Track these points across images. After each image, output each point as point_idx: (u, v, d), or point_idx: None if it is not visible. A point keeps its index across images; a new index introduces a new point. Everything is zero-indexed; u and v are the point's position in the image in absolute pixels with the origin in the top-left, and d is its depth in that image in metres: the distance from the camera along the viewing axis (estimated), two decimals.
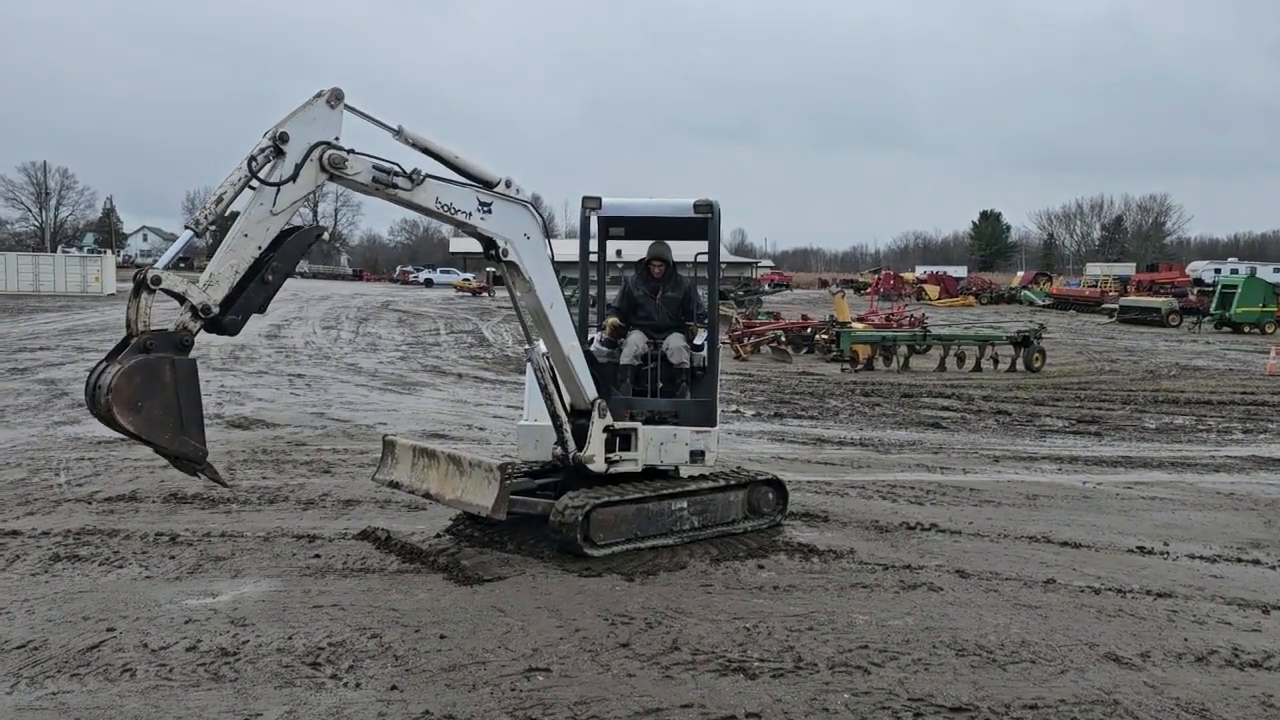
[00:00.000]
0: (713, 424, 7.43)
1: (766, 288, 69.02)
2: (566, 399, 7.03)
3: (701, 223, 7.80)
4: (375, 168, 5.90)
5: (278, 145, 5.52)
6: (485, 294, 60.22)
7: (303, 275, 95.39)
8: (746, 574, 6.63)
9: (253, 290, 5.58)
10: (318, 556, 6.79)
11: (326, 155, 5.65)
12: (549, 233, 6.84)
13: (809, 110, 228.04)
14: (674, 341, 7.73)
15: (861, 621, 5.72)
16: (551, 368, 6.88)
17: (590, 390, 7.02)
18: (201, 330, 5.47)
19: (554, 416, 6.93)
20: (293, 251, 5.70)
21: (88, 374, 5.30)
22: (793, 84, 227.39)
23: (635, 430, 7.20)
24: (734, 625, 5.60)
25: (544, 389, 6.86)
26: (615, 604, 5.91)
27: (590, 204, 7.74)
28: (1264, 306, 39.30)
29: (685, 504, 7.28)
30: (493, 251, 6.55)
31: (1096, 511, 8.82)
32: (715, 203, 7.62)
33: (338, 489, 8.89)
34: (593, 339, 7.97)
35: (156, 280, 5.17)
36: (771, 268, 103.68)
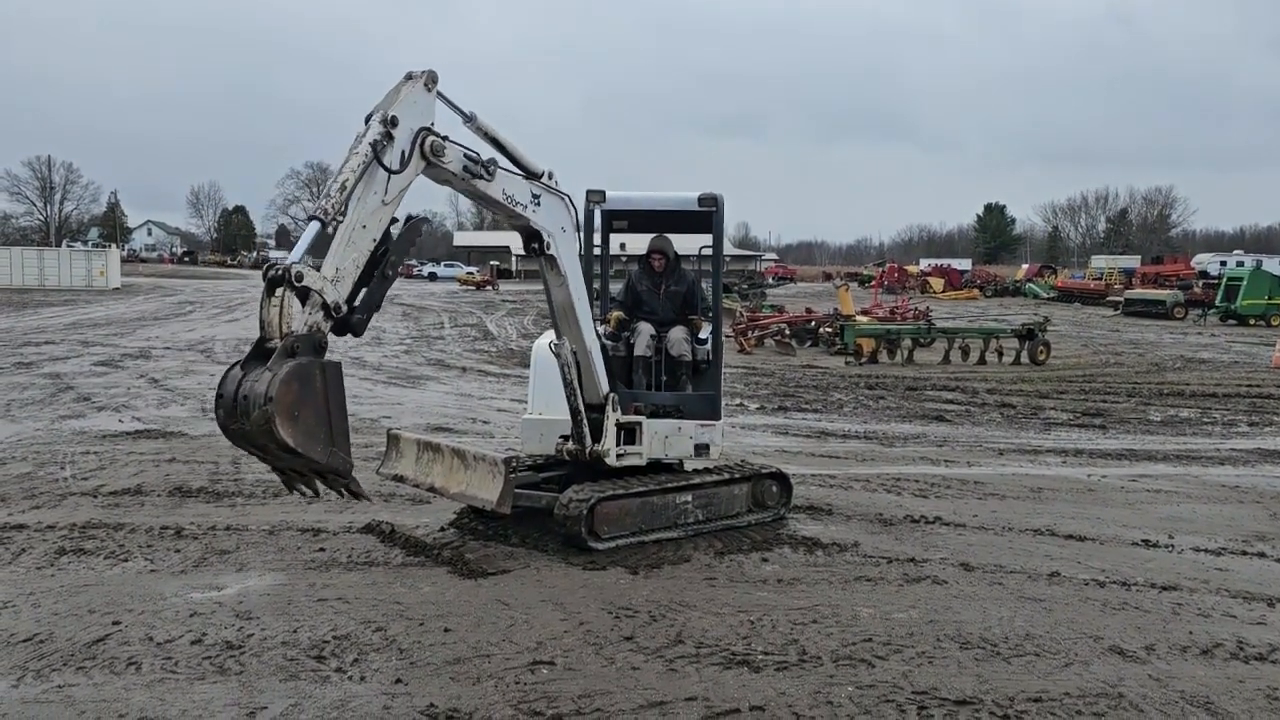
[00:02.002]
0: (717, 417, 7.43)
1: (770, 281, 68.96)
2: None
3: (706, 216, 7.78)
4: (465, 157, 5.76)
5: (389, 131, 5.27)
6: (489, 287, 60.24)
7: None
8: (751, 567, 6.63)
9: (374, 286, 5.28)
10: (322, 550, 6.80)
11: (429, 142, 5.47)
12: (579, 227, 6.83)
13: (811, 104, 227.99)
14: (675, 335, 7.73)
15: (866, 615, 5.72)
16: (577, 363, 6.87)
17: (605, 384, 7.03)
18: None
19: (575, 411, 6.90)
20: (404, 244, 5.44)
21: (220, 384, 4.88)
22: (793, 77, 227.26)
23: (640, 424, 7.19)
24: (738, 618, 5.60)
25: (568, 384, 6.82)
26: (619, 597, 5.91)
27: (594, 198, 7.73)
28: (1269, 299, 39.18)
29: (689, 497, 7.27)
30: (535, 245, 6.47)
31: (1101, 504, 8.81)
32: (719, 196, 7.61)
33: None
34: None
35: (300, 276, 4.79)
36: (775, 261, 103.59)
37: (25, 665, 4.82)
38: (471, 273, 71.49)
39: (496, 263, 68.69)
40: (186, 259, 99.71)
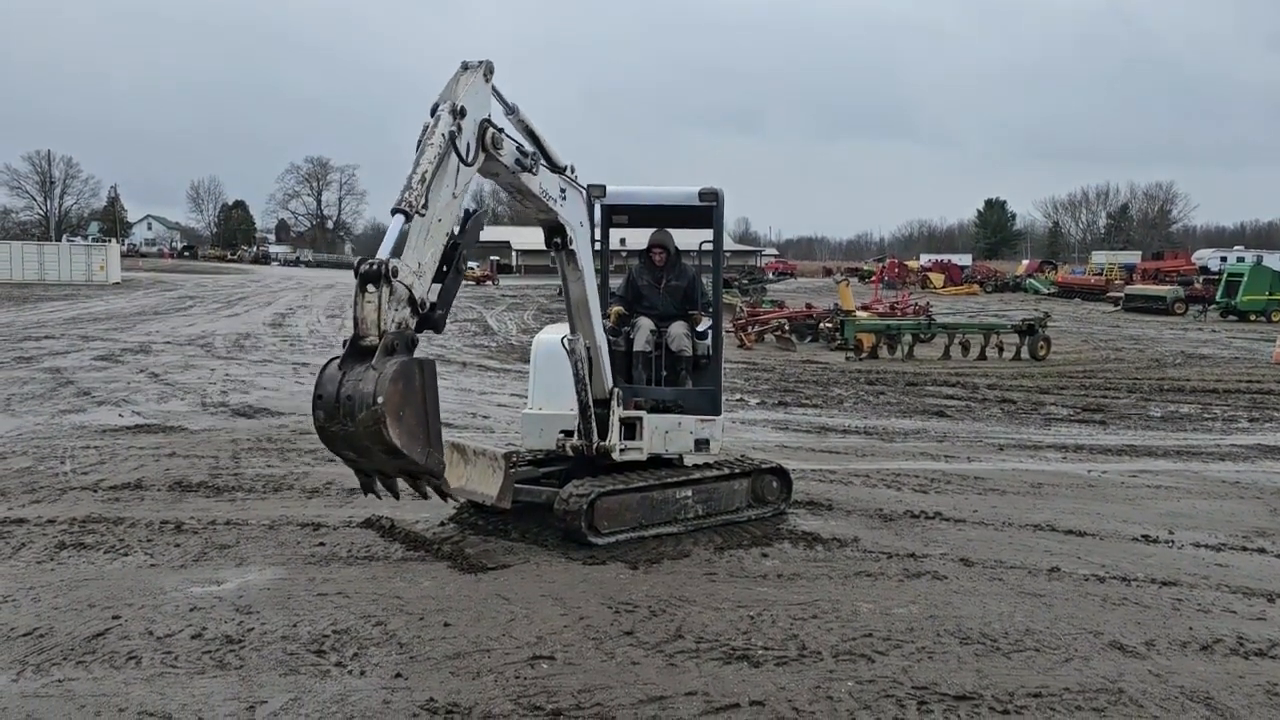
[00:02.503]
0: (717, 412, 7.42)
1: (771, 276, 68.96)
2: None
3: (706, 211, 7.76)
4: (518, 150, 5.69)
5: (459, 123, 5.16)
6: (489, 282, 60.21)
7: (307, 264, 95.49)
8: (750, 562, 6.63)
9: (450, 281, 5.17)
10: (322, 544, 6.80)
11: (489, 134, 5.38)
12: (594, 222, 6.81)
13: (810, 99, 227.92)
14: (676, 330, 7.72)
15: (866, 610, 5.72)
16: (590, 358, 6.86)
17: (609, 380, 7.03)
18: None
19: (585, 407, 6.88)
20: (472, 237, 5.33)
21: (317, 385, 4.72)
22: (793, 73, 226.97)
23: (640, 419, 7.19)
24: (738, 613, 5.60)
25: (580, 379, 6.78)
26: (619, 592, 5.91)
27: (594, 192, 7.71)
28: (1270, 295, 39.19)
29: (690, 492, 7.27)
30: (557, 240, 6.42)
31: (1101, 500, 8.81)
32: (720, 191, 7.59)
33: (342, 477, 8.88)
34: None
35: (395, 271, 4.65)
36: (776, 256, 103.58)
37: (25, 659, 4.82)
38: (471, 268, 71.43)
39: (496, 258, 68.70)
40: (186, 254, 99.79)
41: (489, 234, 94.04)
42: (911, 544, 7.12)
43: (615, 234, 8.69)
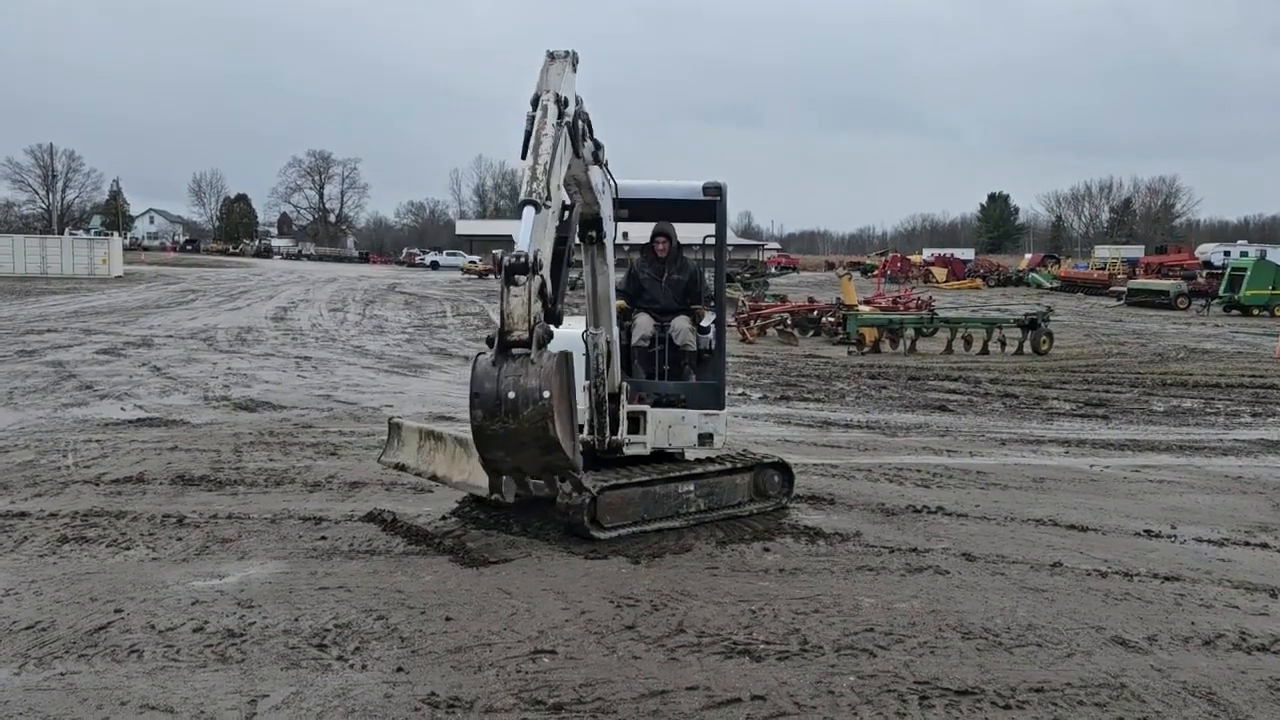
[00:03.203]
0: (720, 407, 7.40)
1: (773, 270, 68.91)
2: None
3: (710, 205, 7.74)
4: (594, 142, 5.64)
5: (566, 112, 5.05)
6: (492, 276, 60.18)
7: (309, 258, 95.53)
8: (752, 557, 6.62)
9: (564, 274, 5.12)
10: (324, 538, 6.80)
11: (581, 127, 5.32)
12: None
13: (811, 93, 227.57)
14: (678, 324, 7.71)
15: (867, 604, 5.71)
16: (609, 353, 6.82)
17: (619, 375, 7.04)
18: None
19: (600, 401, 6.82)
20: (575, 230, 5.27)
21: (474, 384, 4.61)
22: (792, 66, 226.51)
23: (644, 413, 7.18)
24: (740, 608, 5.59)
25: (598, 374, 6.70)
26: (621, 586, 5.91)
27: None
28: (1273, 289, 39.11)
29: (692, 487, 7.27)
30: (592, 233, 6.38)
31: (1104, 495, 8.80)
32: (723, 185, 7.57)
33: (344, 471, 8.90)
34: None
35: (539, 264, 4.56)
36: (778, 250, 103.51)
37: (27, 653, 4.83)
38: (474, 261, 71.47)
39: (499, 251, 68.60)
40: (189, 247, 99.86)
41: (491, 228, 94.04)
42: (913, 539, 7.12)
43: (618, 228, 8.68)
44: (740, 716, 4.31)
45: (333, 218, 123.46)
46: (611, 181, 6.52)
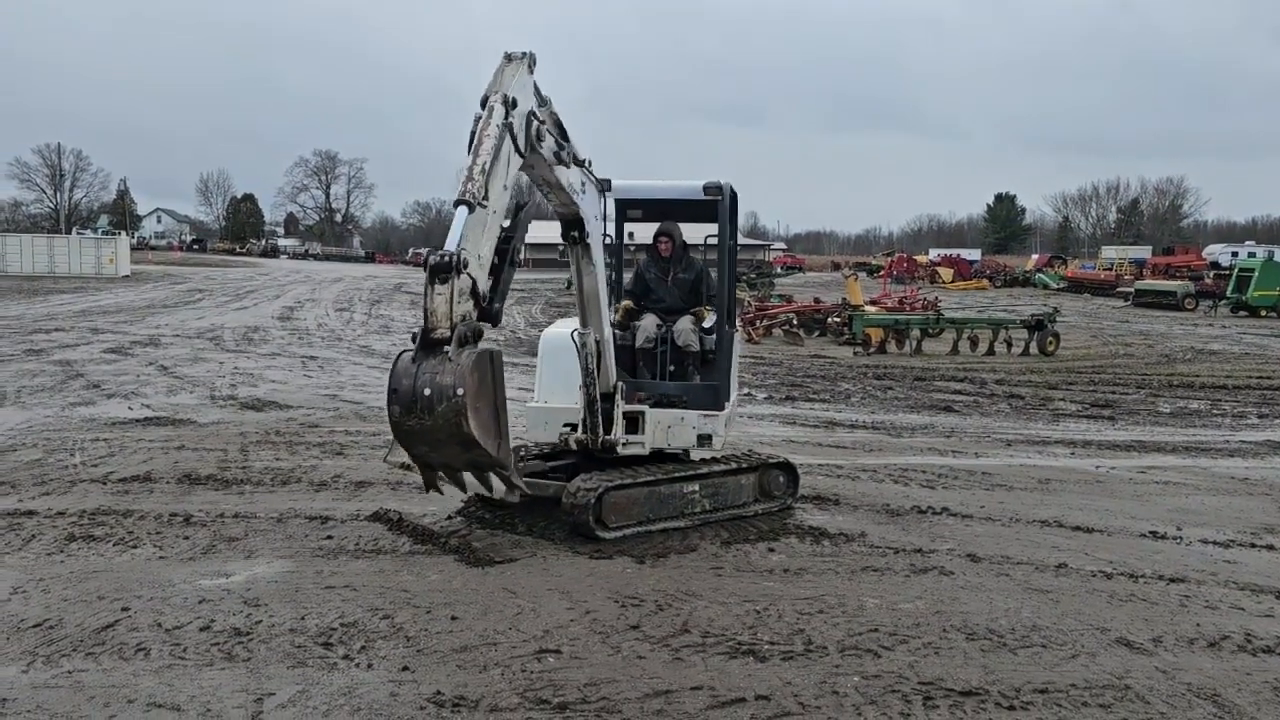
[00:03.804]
0: (720, 408, 7.36)
1: (779, 270, 68.85)
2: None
3: (712, 205, 7.74)
4: (556, 143, 5.69)
5: (511, 114, 5.12)
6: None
7: (315, 257, 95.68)
8: (757, 557, 6.63)
9: (506, 273, 5.15)
10: (330, 538, 6.82)
11: (535, 127, 5.34)
12: (606, 216, 6.84)
13: (814, 92, 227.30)
14: (682, 324, 7.71)
15: (872, 605, 5.72)
16: (600, 352, 6.86)
17: (614, 374, 7.04)
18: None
19: (591, 401, 6.88)
20: (525, 229, 5.31)
21: (391, 379, 4.71)
22: (795, 65, 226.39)
23: (643, 413, 7.18)
24: (744, 608, 5.60)
25: (588, 373, 6.79)
26: (626, 586, 5.92)
27: (600, 186, 7.69)
28: None
29: (696, 487, 7.28)
30: (574, 233, 6.41)
31: (1109, 496, 8.79)
32: (726, 185, 7.55)
33: (350, 470, 8.93)
34: None
35: (466, 263, 4.64)
36: (784, 250, 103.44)
37: (35, 651, 4.85)
38: None
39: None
40: (196, 247, 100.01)
41: None
42: (918, 539, 7.12)
43: (625, 228, 8.68)
44: (744, 716, 4.32)
45: (339, 217, 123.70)
46: (594, 183, 6.53)
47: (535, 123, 5.40)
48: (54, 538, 6.71)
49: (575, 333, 6.87)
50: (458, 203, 4.94)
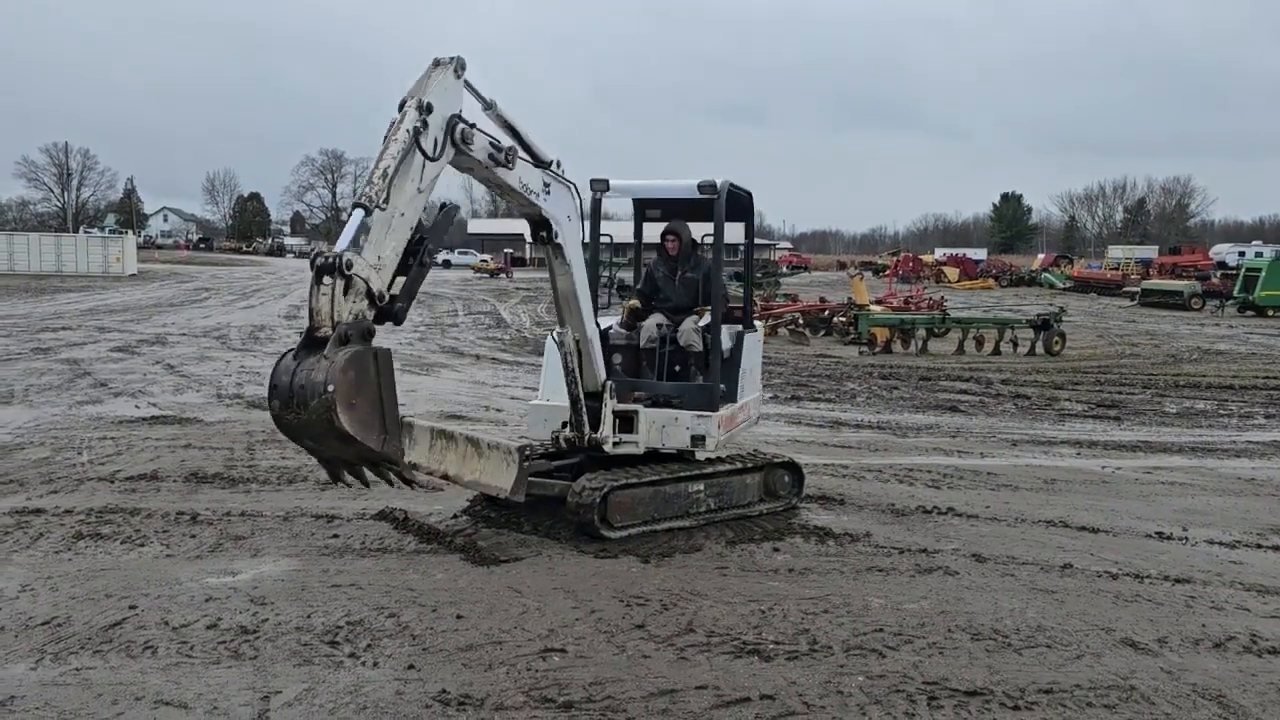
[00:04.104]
0: (714, 409, 7.26)
1: (784, 270, 68.82)
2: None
3: (734, 204, 7.77)
4: (491, 145, 5.77)
5: (424, 118, 5.26)
6: (503, 275, 60.30)
7: None
8: (762, 556, 6.64)
9: (414, 274, 5.29)
10: (336, 536, 6.85)
11: (459, 129, 5.47)
12: (584, 215, 6.86)
13: (819, 92, 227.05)
14: (686, 324, 7.70)
15: (877, 605, 5.72)
16: (579, 351, 6.90)
17: (602, 373, 7.05)
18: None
19: (574, 399, 6.93)
20: (440, 231, 5.44)
21: (273, 375, 4.85)
22: (800, 65, 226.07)
23: (637, 412, 7.19)
24: (749, 608, 5.61)
25: (569, 371, 6.84)
26: (631, 586, 5.94)
27: (598, 186, 7.73)
28: None
29: (702, 486, 7.28)
30: (543, 233, 6.49)
31: (1115, 496, 8.78)
32: (722, 184, 7.42)
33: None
34: (610, 325, 7.97)
35: (350, 264, 4.78)
36: (789, 249, 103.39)
37: (43, 648, 4.88)
38: (485, 260, 71.58)
39: (510, 250, 68.77)
40: (202, 246, 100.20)
41: (503, 227, 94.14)
42: (923, 539, 7.12)
43: (627, 227, 8.68)
44: (749, 716, 4.33)
45: (345, 216, 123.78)
46: (562, 184, 6.56)
47: (460, 126, 5.49)
48: (62, 536, 6.74)
49: (554, 332, 6.93)
50: (354, 205, 5.09)
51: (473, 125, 5.61)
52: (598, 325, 7.15)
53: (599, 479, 6.80)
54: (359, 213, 5.03)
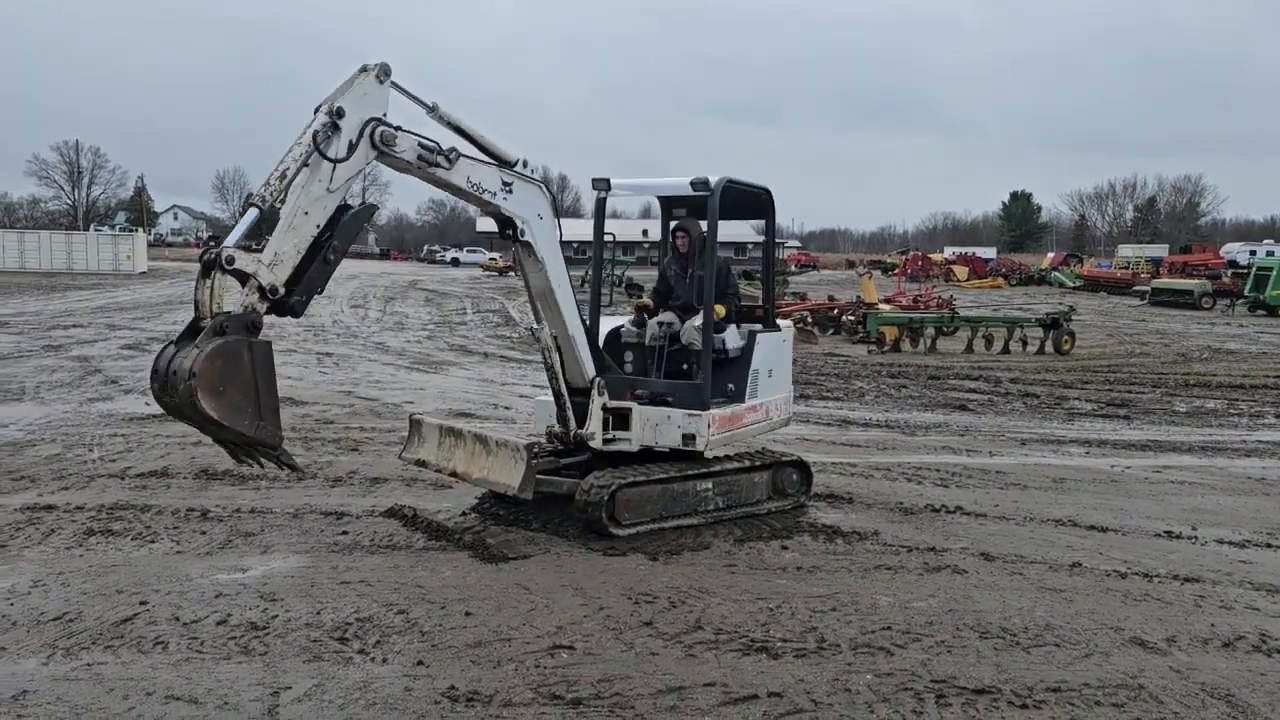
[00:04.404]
0: (703, 408, 7.18)
1: (793, 268, 68.70)
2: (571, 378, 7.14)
3: (750, 201, 7.77)
4: (420, 146, 5.90)
5: (335, 121, 5.44)
6: (512, 273, 60.33)
7: None
8: (770, 555, 6.64)
9: (315, 270, 5.47)
10: (345, 533, 6.87)
11: (378, 132, 5.63)
12: (559, 213, 6.91)
13: (827, 91, 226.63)
14: (690, 322, 7.70)
15: (885, 603, 5.72)
16: (558, 347, 6.93)
17: (590, 369, 7.08)
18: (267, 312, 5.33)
19: (557, 395, 7.04)
20: (351, 230, 5.63)
21: (155, 360, 5.11)
22: (807, 63, 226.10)
23: (630, 410, 7.20)
24: (757, 605, 5.62)
25: (548, 368, 6.97)
26: (639, 583, 5.95)
27: (599, 185, 7.74)
28: None
29: (710, 484, 7.29)
30: (510, 232, 6.62)
31: (1124, 495, 8.76)
32: (719, 181, 7.33)
33: (365, 467, 8.98)
34: (622, 324, 7.99)
35: (230, 260, 5.01)
36: (798, 248, 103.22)
37: (55, 643, 4.91)
38: (494, 258, 71.65)
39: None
40: (212, 243, 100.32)
41: None
42: (932, 538, 7.12)
43: (638, 226, 8.66)
44: (757, 713, 4.34)
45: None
46: (528, 183, 6.62)
47: (379, 129, 5.64)
48: (73, 532, 6.78)
49: (529, 327, 6.98)
50: (247, 204, 5.35)
51: (398, 128, 5.77)
52: (583, 321, 7.15)
53: (607, 477, 6.81)
54: (253, 211, 5.24)
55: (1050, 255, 78.66)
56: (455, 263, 76.27)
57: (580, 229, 28.78)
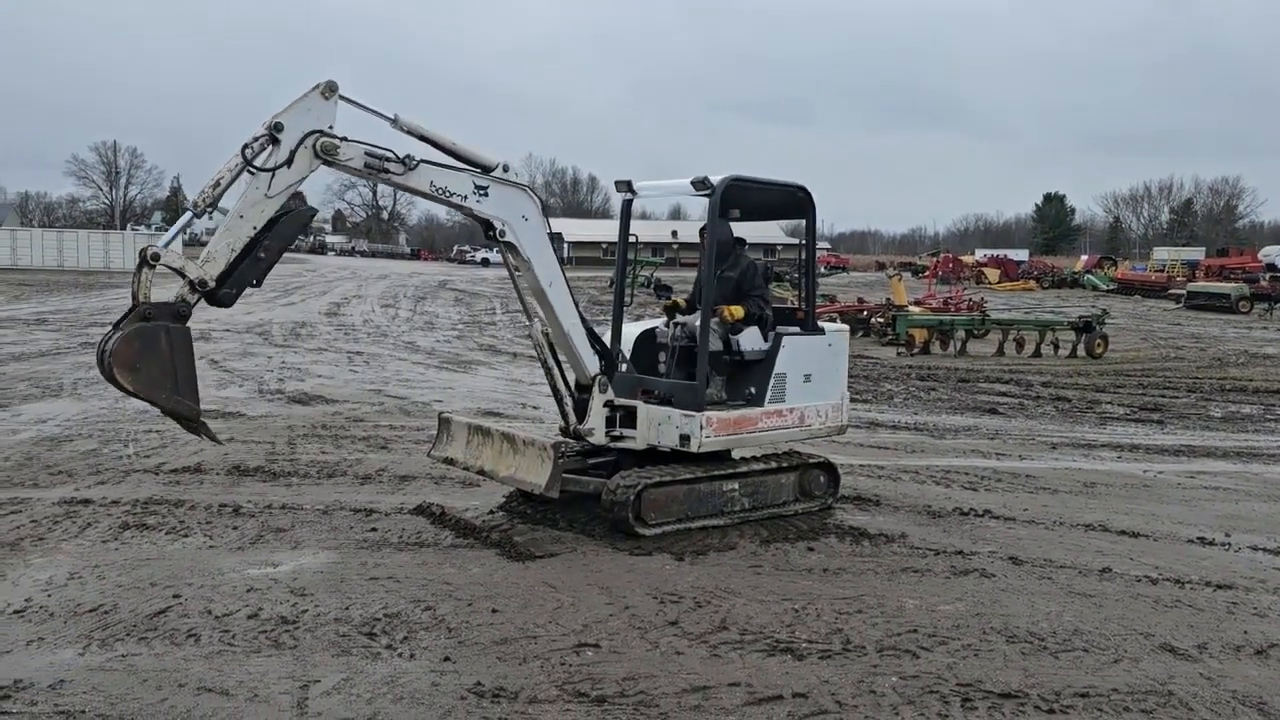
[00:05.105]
0: (698, 408, 7.09)
1: (823, 270, 68.41)
2: (571, 375, 7.25)
3: (789, 201, 7.77)
4: (368, 154, 6.24)
5: (272, 134, 5.89)
6: None
7: (362, 254, 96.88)
8: (796, 556, 6.64)
9: (247, 267, 6.00)
10: (374, 530, 6.94)
11: (319, 142, 6.02)
12: (548, 213, 7.11)
13: (857, 89, 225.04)
14: (694, 322, 7.70)
15: (911, 606, 5.70)
16: (551, 345, 7.04)
17: (591, 366, 7.13)
18: (200, 301, 5.97)
19: (553, 390, 7.13)
20: (289, 232, 6.16)
21: (101, 342, 5.76)
22: (838, 61, 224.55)
23: (636, 408, 7.24)
24: (782, 606, 5.62)
25: (543, 364, 7.09)
26: (665, 583, 5.96)
27: (622, 187, 7.79)
28: None
29: (736, 485, 7.29)
30: (491, 232, 6.80)
31: (1156, 501, 8.67)
32: (720, 181, 7.23)
33: (394, 464, 9.06)
34: (655, 325, 8.03)
35: (156, 257, 5.69)
36: (828, 249, 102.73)
37: (90, 635, 5.00)
38: None
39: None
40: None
41: None
42: (959, 541, 7.08)
43: (668, 227, 8.67)
44: (781, 714, 4.34)
45: (385, 215, 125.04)
46: (506, 186, 6.76)
47: (322, 139, 6.01)
48: (109, 526, 6.90)
49: (529, 327, 7.15)
50: (184, 208, 6.02)
51: (343, 139, 6.11)
52: (582, 318, 7.18)
53: (633, 477, 6.83)
54: (187, 214, 5.95)
55: (1084, 258, 77.78)
56: (485, 263, 76.51)
57: (608, 230, 28.74)
